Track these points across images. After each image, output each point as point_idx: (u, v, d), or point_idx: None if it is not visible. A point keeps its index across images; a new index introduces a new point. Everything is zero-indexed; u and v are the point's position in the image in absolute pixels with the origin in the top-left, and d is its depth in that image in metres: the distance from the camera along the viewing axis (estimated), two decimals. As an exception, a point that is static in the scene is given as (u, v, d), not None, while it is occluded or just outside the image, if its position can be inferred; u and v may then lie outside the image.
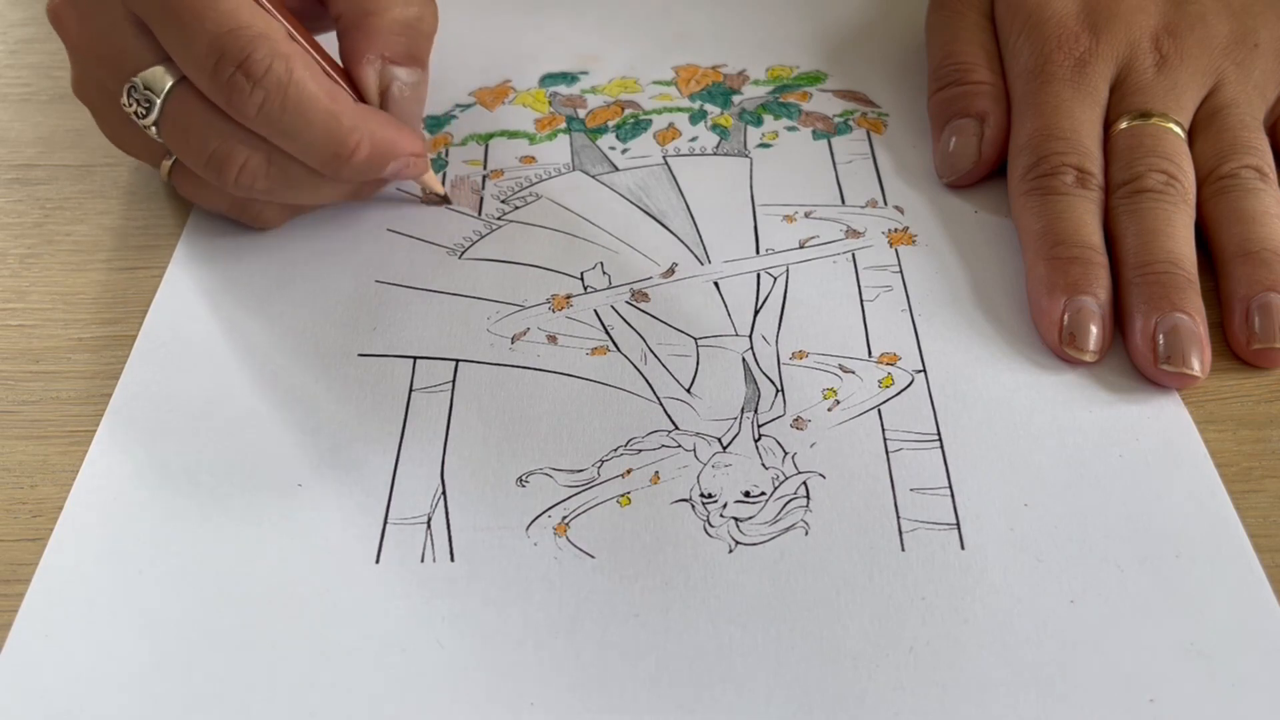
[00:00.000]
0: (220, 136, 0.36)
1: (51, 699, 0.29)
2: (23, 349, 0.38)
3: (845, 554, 0.31)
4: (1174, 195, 0.38)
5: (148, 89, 0.36)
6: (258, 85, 0.34)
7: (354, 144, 0.36)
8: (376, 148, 0.37)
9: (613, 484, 0.33)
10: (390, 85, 0.38)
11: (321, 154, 0.36)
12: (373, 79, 0.38)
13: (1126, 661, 0.28)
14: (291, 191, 0.38)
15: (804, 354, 0.36)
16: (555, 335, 0.37)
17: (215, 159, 0.36)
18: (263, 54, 0.34)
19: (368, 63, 0.38)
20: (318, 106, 0.35)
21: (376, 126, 0.37)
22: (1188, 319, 0.35)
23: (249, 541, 0.32)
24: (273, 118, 0.35)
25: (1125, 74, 0.41)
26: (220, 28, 0.34)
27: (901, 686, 0.28)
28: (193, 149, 0.37)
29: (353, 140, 0.36)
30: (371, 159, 0.37)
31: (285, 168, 0.37)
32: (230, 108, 0.35)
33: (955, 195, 0.42)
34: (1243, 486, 0.32)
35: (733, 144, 0.45)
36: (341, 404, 0.35)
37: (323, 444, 0.34)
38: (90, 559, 0.32)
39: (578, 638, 0.29)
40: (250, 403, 0.36)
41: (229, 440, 0.34)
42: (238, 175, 0.37)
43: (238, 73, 0.34)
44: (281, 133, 0.36)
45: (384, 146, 0.37)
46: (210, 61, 0.34)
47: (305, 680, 0.29)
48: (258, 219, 0.40)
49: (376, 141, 0.37)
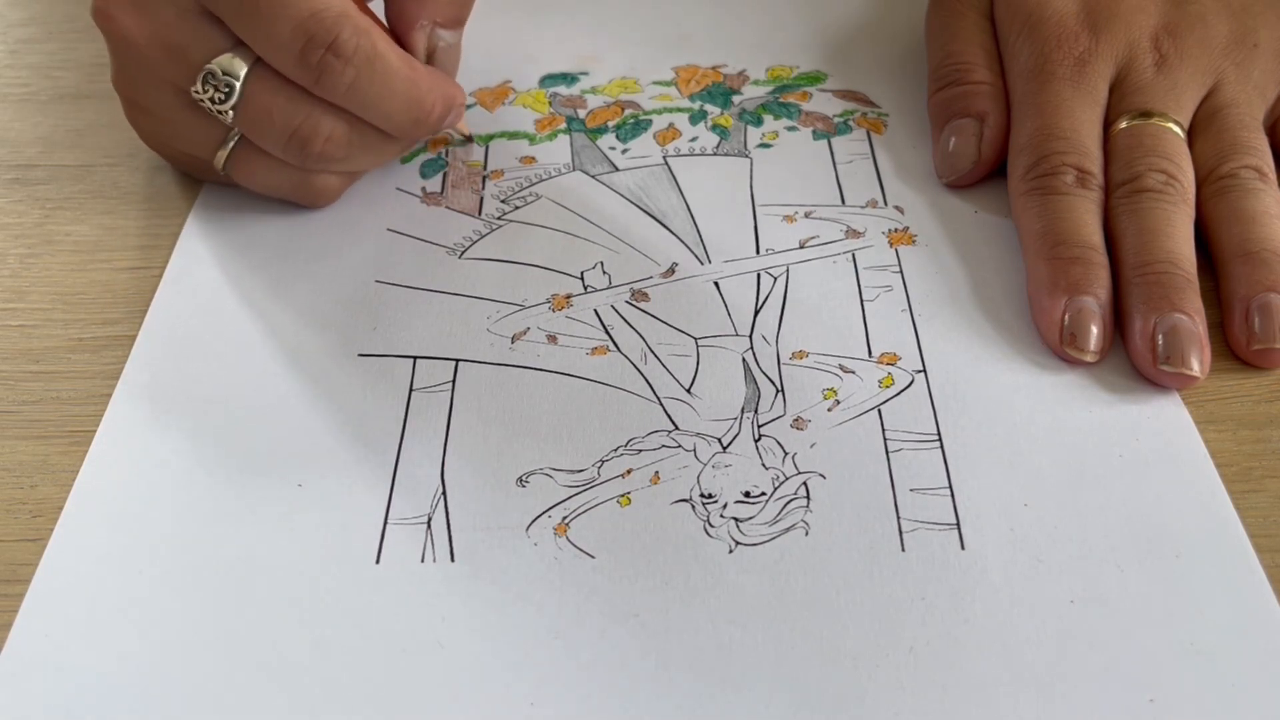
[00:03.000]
0: (303, 113, 0.37)
1: (51, 699, 0.29)
2: (23, 349, 0.38)
3: (845, 554, 0.31)
4: (1173, 195, 0.38)
5: (227, 74, 0.37)
6: (349, 63, 0.36)
7: (431, 106, 0.38)
8: (445, 104, 0.39)
9: (613, 484, 0.33)
10: (436, 47, 0.40)
11: (403, 120, 0.38)
12: (423, 42, 0.40)
13: (1126, 661, 0.28)
14: (365, 156, 0.40)
15: (804, 354, 0.36)
16: (555, 335, 0.37)
17: (299, 135, 0.38)
18: (348, 34, 0.36)
19: (420, 29, 0.39)
20: (400, 76, 0.37)
21: (443, 84, 0.39)
22: (1187, 319, 0.35)
23: (249, 541, 0.32)
24: (361, 92, 0.37)
25: (1125, 74, 0.41)
26: (302, 12, 0.35)
27: (901, 686, 0.28)
28: (276, 128, 0.38)
29: (430, 102, 0.38)
30: (442, 116, 0.39)
31: (363, 134, 0.39)
32: (320, 87, 0.36)
33: (955, 195, 0.42)
34: (1243, 486, 0.32)
35: (733, 144, 0.45)
36: (341, 404, 0.35)
37: (323, 444, 0.34)
38: (90, 559, 0.32)
39: (578, 638, 0.29)
40: (250, 403, 0.36)
41: (229, 440, 0.34)
42: (322, 147, 0.38)
43: (328, 54, 0.36)
44: (368, 104, 0.37)
45: (451, 101, 0.40)
46: (297, 44, 0.36)
47: (305, 680, 0.29)
48: (320, 195, 0.41)
49: (446, 99, 0.39)
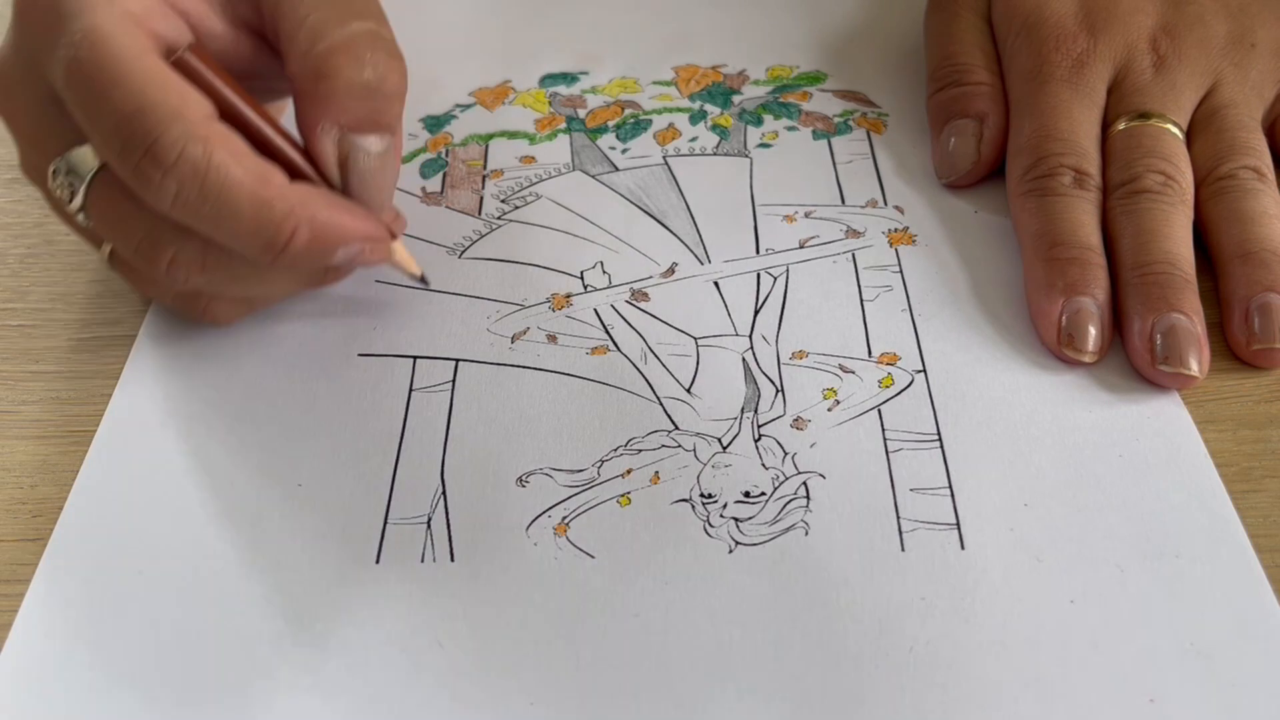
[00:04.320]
0: (144, 228, 0.33)
1: (51, 699, 0.29)
2: (23, 349, 0.38)
3: (845, 554, 0.31)
4: (1172, 196, 0.38)
5: (72, 172, 0.33)
6: (168, 174, 0.30)
7: (289, 230, 0.32)
8: (319, 233, 0.32)
9: (613, 484, 0.33)
10: (351, 156, 0.33)
11: (253, 244, 0.32)
12: (330, 150, 0.33)
13: (1126, 661, 0.28)
14: (236, 284, 0.34)
15: (804, 354, 0.36)
16: (555, 335, 0.37)
17: (143, 251, 0.33)
18: (173, 137, 0.30)
19: (322, 132, 0.33)
20: (243, 193, 0.31)
21: (320, 208, 0.32)
22: (1185, 319, 0.35)
23: (249, 541, 0.32)
24: (191, 209, 0.31)
25: (1123, 75, 0.41)
26: (126, 107, 0.30)
27: (901, 686, 0.28)
28: (120, 239, 0.33)
29: (287, 226, 0.31)
30: (313, 246, 0.32)
31: (223, 259, 0.33)
32: (143, 198, 0.31)
33: (955, 195, 0.42)
34: (1243, 486, 0.32)
35: (733, 144, 0.45)
36: (341, 404, 0.35)
37: (323, 444, 0.34)
38: (90, 559, 0.32)
39: (578, 638, 0.29)
40: (250, 403, 0.36)
41: (229, 440, 0.34)
42: (168, 268, 0.33)
43: (144, 160, 0.30)
44: (204, 224, 0.31)
45: (329, 231, 0.32)
46: (116, 146, 0.30)
47: (305, 681, 0.29)
48: (206, 314, 0.36)
49: (319, 226, 0.32)
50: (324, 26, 0.33)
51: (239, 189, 0.31)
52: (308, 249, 0.32)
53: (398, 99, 0.34)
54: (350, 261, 0.34)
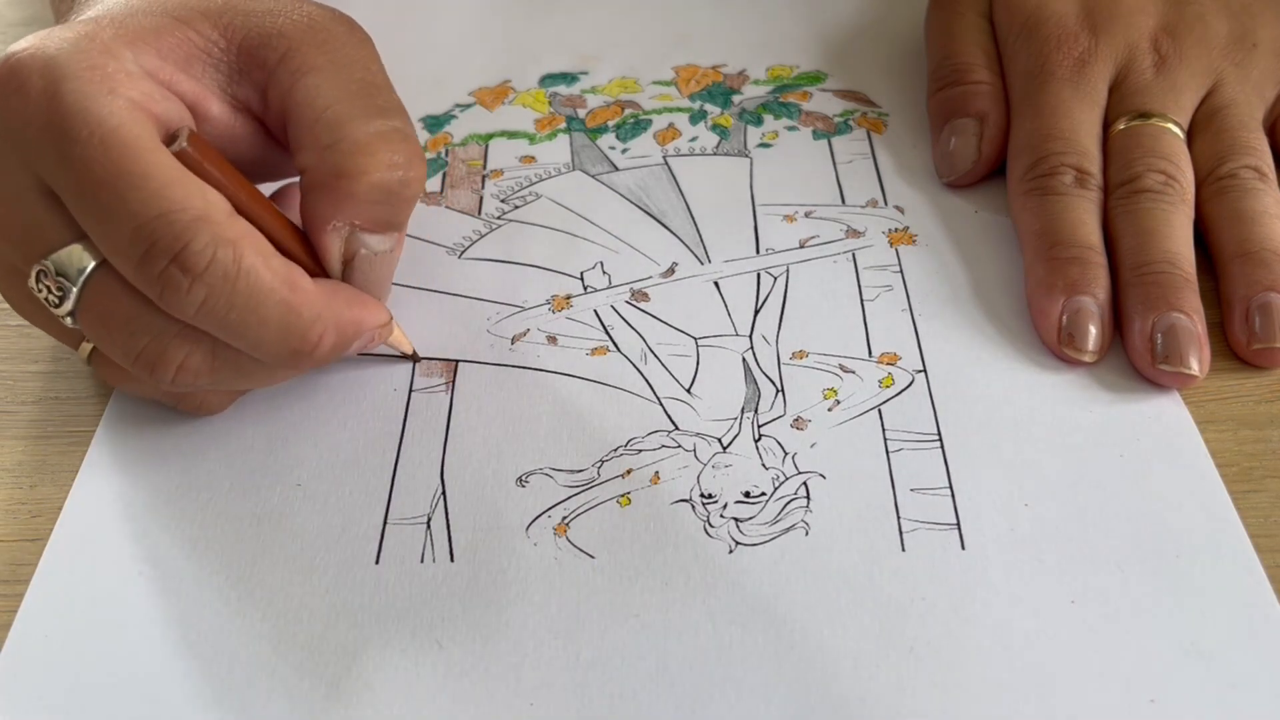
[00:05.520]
0: (151, 333, 0.30)
1: (51, 699, 0.29)
2: (23, 349, 0.38)
3: (845, 554, 0.31)
4: (1172, 195, 0.38)
5: (61, 274, 0.30)
6: (198, 281, 0.28)
7: (316, 337, 0.30)
8: (341, 333, 0.31)
9: (613, 484, 0.33)
10: (356, 253, 0.32)
11: (278, 351, 0.30)
12: (337, 248, 0.32)
13: (1126, 661, 0.28)
14: (241, 382, 0.33)
15: (804, 354, 0.36)
16: (555, 335, 0.37)
17: (145, 358, 0.30)
18: (203, 243, 0.28)
19: (333, 230, 0.31)
20: (273, 300, 0.29)
21: (341, 308, 0.31)
22: (1185, 319, 0.35)
23: (249, 541, 0.32)
24: (218, 316, 0.29)
25: (1124, 74, 0.41)
26: (148, 211, 0.28)
27: (901, 686, 0.28)
28: (118, 345, 0.30)
29: (315, 333, 0.30)
30: (337, 346, 0.31)
31: (232, 360, 0.31)
32: (165, 305, 0.29)
33: (955, 195, 0.42)
34: (1243, 486, 0.32)
35: (733, 144, 0.45)
36: (341, 404, 0.35)
37: (323, 444, 0.34)
38: (90, 559, 0.32)
39: (578, 638, 0.29)
40: (250, 403, 0.35)
41: (229, 440, 0.34)
42: (175, 375, 0.31)
43: (172, 266, 0.28)
44: (228, 330, 0.30)
45: (349, 329, 0.31)
46: (137, 252, 0.28)
47: (305, 681, 0.29)
48: (200, 408, 0.35)
49: (341, 326, 0.31)
50: (346, 122, 0.31)
51: (270, 295, 0.29)
52: (332, 350, 0.31)
53: (414, 200, 0.32)
54: (360, 349, 0.33)
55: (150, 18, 0.31)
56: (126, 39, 0.30)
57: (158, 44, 0.31)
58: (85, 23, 0.31)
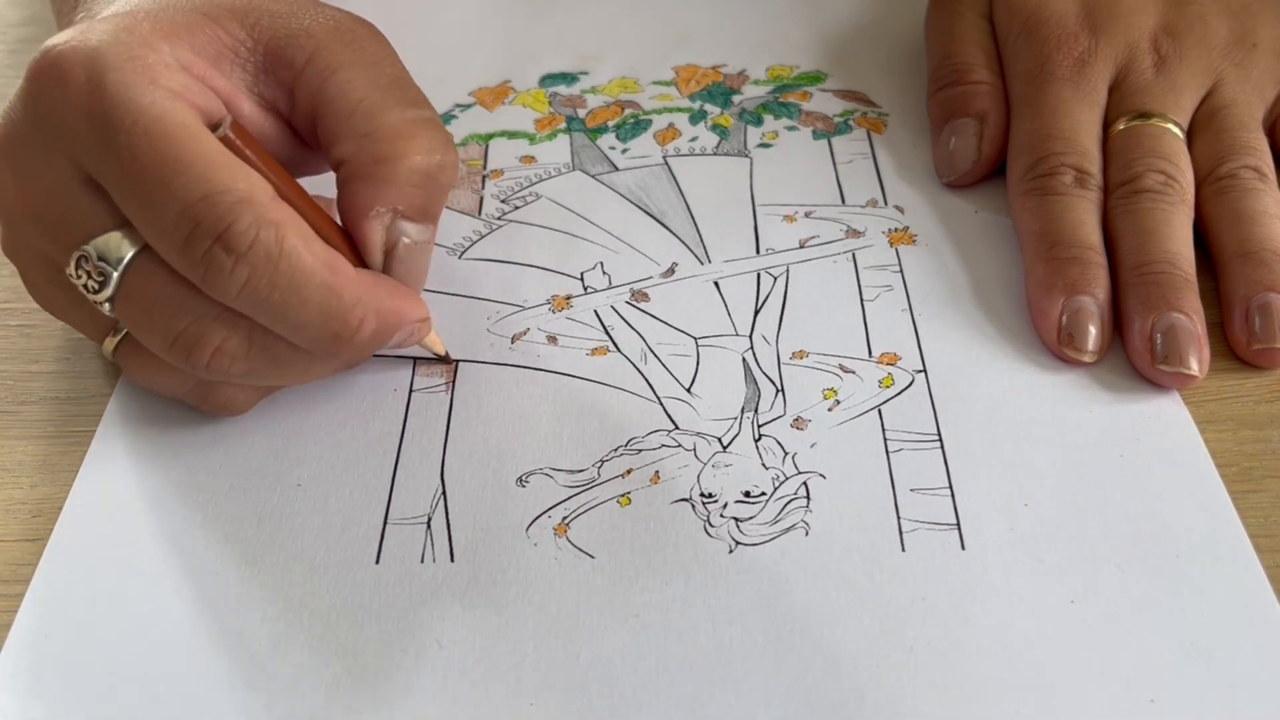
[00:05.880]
0: (191, 315, 0.30)
1: (51, 699, 0.29)
2: (22, 349, 0.38)
3: (845, 554, 0.31)
4: (1172, 195, 0.38)
5: (102, 259, 0.30)
6: (241, 260, 0.29)
7: (357, 320, 0.31)
8: (383, 321, 0.31)
9: (613, 484, 0.33)
10: (398, 243, 0.32)
11: (318, 335, 0.30)
12: (379, 235, 0.32)
13: (1126, 661, 0.28)
14: (276, 373, 0.32)
15: (804, 354, 0.36)
16: (555, 335, 0.37)
17: (184, 341, 0.30)
18: (246, 223, 0.29)
19: (375, 216, 0.32)
20: (314, 281, 0.30)
21: (383, 296, 0.31)
22: (1185, 319, 0.35)
23: (249, 542, 0.32)
24: (260, 297, 0.29)
25: (1124, 74, 0.41)
26: (192, 194, 0.28)
27: (901, 687, 0.28)
28: (157, 329, 0.31)
29: (355, 317, 0.30)
30: (378, 334, 0.31)
31: (269, 348, 0.31)
32: (208, 286, 0.29)
33: (955, 195, 0.42)
34: (1243, 486, 0.32)
35: (733, 144, 0.45)
36: (341, 404, 0.35)
37: (323, 444, 0.34)
38: (90, 559, 0.32)
39: (578, 638, 0.29)
40: (250, 403, 0.36)
41: (229, 440, 0.34)
42: (211, 359, 0.31)
43: (216, 246, 0.29)
44: (270, 312, 0.30)
45: (390, 318, 0.32)
46: (181, 233, 0.29)
47: (305, 681, 0.29)
48: (225, 406, 0.34)
49: (382, 314, 0.31)
50: (381, 111, 0.32)
51: (311, 276, 0.30)
52: (372, 338, 0.31)
53: (448, 189, 0.33)
54: (399, 344, 0.33)
55: (182, 13, 0.32)
56: (163, 33, 0.31)
57: (191, 40, 0.32)
58: (122, 16, 0.32)
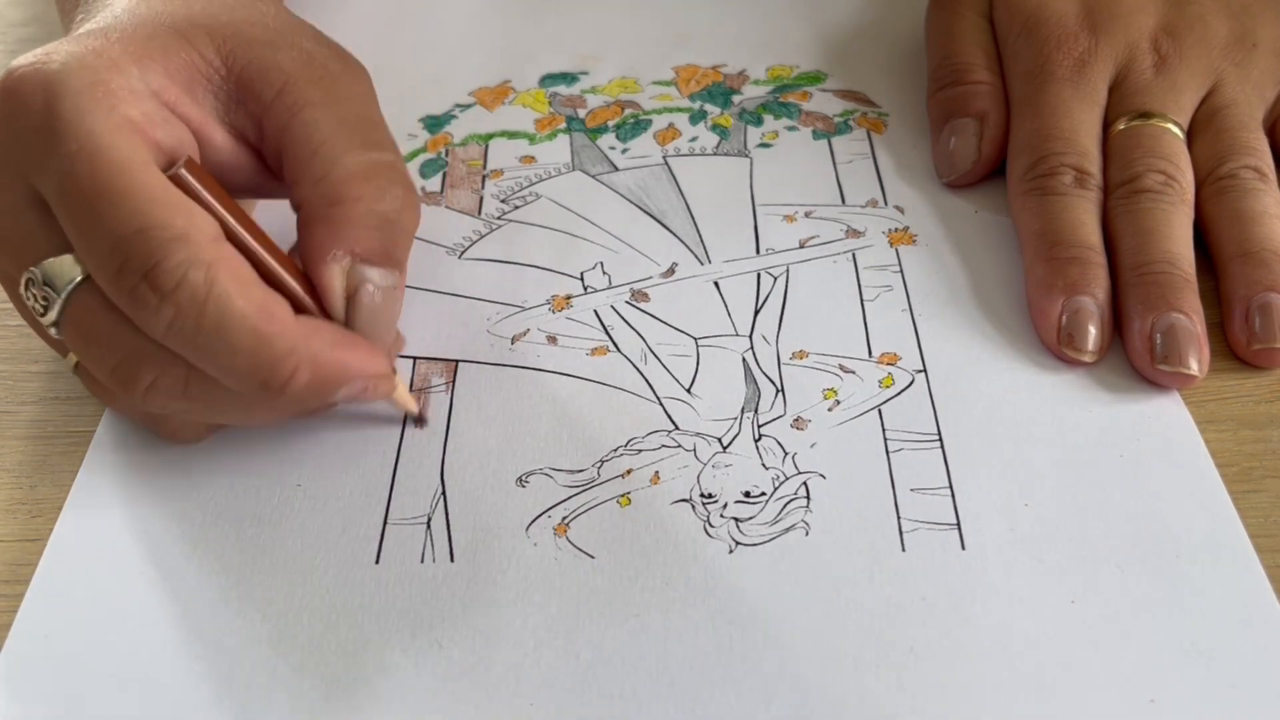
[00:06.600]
0: (126, 349, 0.30)
1: (51, 699, 0.29)
2: (22, 349, 0.38)
3: (845, 554, 0.31)
4: (1172, 195, 0.38)
5: (48, 284, 0.30)
6: (166, 300, 0.28)
7: (289, 370, 0.29)
8: (321, 372, 0.30)
9: (613, 484, 0.33)
10: (360, 289, 0.31)
11: (247, 381, 0.29)
12: (338, 280, 0.31)
13: (1126, 661, 0.28)
14: (215, 414, 0.32)
15: (804, 354, 0.36)
16: (555, 336, 0.37)
17: (120, 373, 0.30)
18: (175, 262, 0.28)
19: (332, 260, 0.31)
20: (243, 326, 0.29)
21: (323, 346, 0.30)
22: (1185, 319, 0.35)
23: (249, 542, 0.32)
24: (185, 338, 0.29)
25: (1124, 74, 0.41)
26: (126, 227, 0.28)
27: (901, 687, 0.28)
28: (94, 358, 0.31)
29: (287, 366, 0.29)
30: (314, 385, 0.30)
31: (207, 389, 0.30)
32: (138, 322, 0.29)
33: (955, 195, 0.42)
34: (1243, 486, 0.32)
35: (733, 144, 0.45)
36: (342, 404, 0.35)
37: (323, 444, 0.34)
38: (90, 559, 0.32)
39: (578, 638, 0.29)
40: (250, 403, 0.36)
41: (229, 440, 0.34)
42: (146, 393, 0.30)
43: (142, 284, 0.28)
44: (197, 354, 0.29)
45: (331, 370, 0.30)
46: (113, 266, 0.28)
47: (305, 681, 0.29)
48: (173, 436, 0.34)
49: (321, 365, 0.30)
50: (340, 153, 0.32)
51: (240, 321, 0.29)
52: (307, 389, 0.30)
53: (411, 234, 0.33)
54: (351, 398, 0.32)
55: (160, 33, 0.32)
56: (135, 55, 0.31)
57: (165, 63, 0.31)
58: (94, 35, 0.31)
